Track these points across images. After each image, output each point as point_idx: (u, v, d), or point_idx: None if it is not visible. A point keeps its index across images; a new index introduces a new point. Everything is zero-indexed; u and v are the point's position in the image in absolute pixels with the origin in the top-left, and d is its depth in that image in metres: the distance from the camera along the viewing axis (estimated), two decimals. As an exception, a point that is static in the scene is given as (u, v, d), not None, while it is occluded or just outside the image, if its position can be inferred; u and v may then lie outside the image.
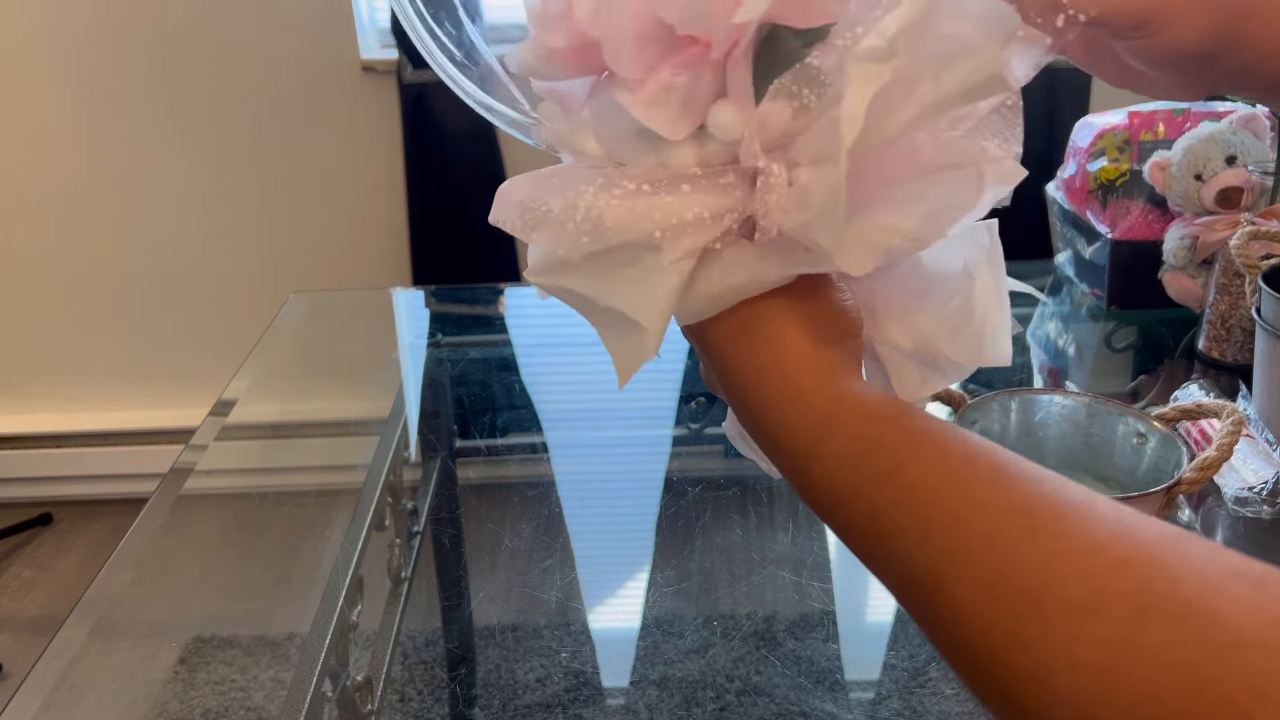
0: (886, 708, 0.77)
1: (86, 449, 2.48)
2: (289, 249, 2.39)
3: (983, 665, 0.32)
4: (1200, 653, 0.28)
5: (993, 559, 0.33)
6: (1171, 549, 0.30)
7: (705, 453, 1.17)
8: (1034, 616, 0.31)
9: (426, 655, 0.85)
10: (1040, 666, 0.30)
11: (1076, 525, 0.32)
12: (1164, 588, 0.29)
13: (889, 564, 0.36)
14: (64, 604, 2.21)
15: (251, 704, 0.82)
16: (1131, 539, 0.31)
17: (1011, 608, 0.31)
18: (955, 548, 0.34)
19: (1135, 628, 0.29)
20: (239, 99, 2.26)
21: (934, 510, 0.35)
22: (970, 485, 0.35)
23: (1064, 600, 0.30)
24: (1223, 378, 1.12)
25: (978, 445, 0.37)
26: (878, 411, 0.39)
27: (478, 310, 1.54)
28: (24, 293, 2.42)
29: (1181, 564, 0.30)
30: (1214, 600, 0.29)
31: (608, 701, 0.79)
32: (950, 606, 0.33)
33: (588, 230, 0.41)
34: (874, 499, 0.37)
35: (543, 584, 0.90)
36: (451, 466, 1.11)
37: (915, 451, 0.37)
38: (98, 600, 0.88)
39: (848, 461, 0.38)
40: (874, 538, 0.37)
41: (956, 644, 0.34)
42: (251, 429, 1.18)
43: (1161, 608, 0.29)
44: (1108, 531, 0.32)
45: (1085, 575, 0.31)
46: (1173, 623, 0.28)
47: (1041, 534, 0.32)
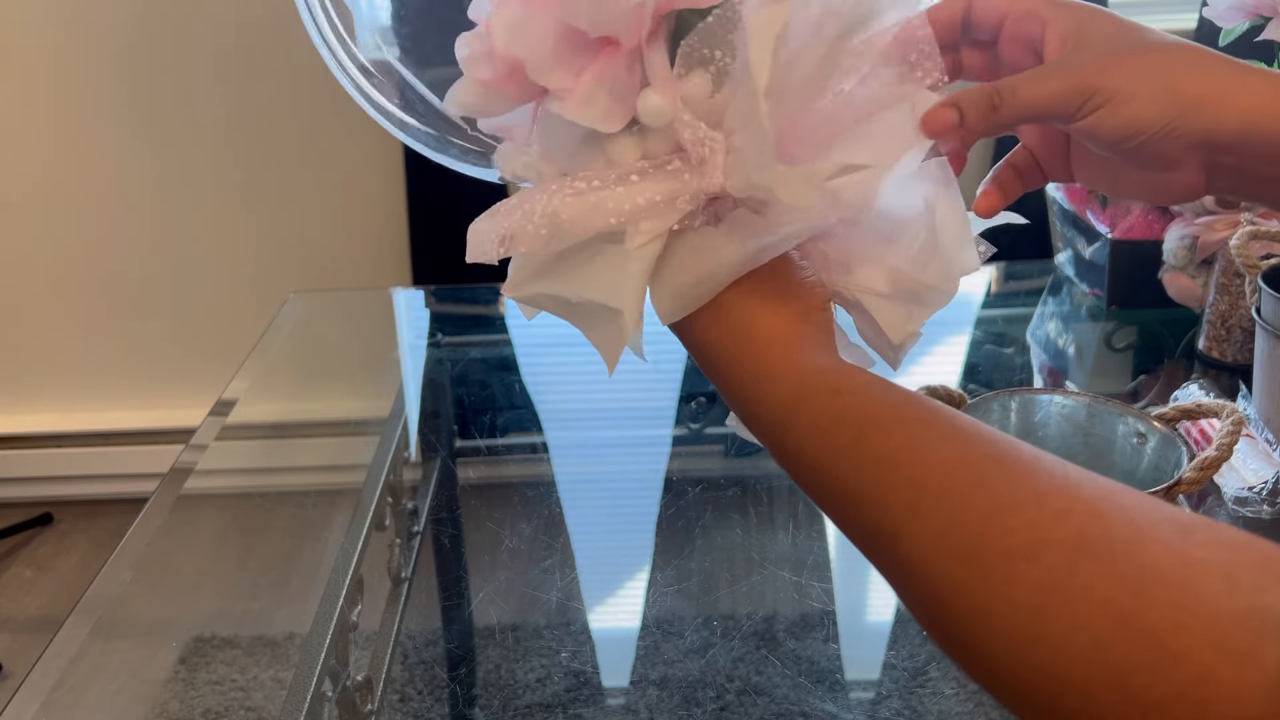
0: (886, 708, 0.77)
1: (86, 449, 2.48)
2: (289, 249, 2.39)
3: (936, 612, 0.35)
4: (1124, 590, 0.30)
5: (944, 511, 0.35)
6: (1108, 500, 0.33)
7: (705, 453, 1.17)
8: (978, 563, 0.33)
9: (426, 655, 0.85)
10: (984, 608, 0.33)
11: (1022, 480, 0.35)
12: (1098, 533, 0.32)
13: (857, 525, 0.39)
14: (64, 604, 2.21)
15: (251, 704, 0.82)
16: (1072, 492, 0.34)
17: (959, 555, 0.34)
18: (911, 505, 0.36)
19: (1069, 570, 0.31)
20: (239, 98, 2.26)
21: (892, 475, 0.37)
22: (925, 448, 0.37)
23: (1005, 548, 0.33)
24: (1223, 378, 1.12)
25: (934, 410, 0.39)
26: (841, 384, 0.41)
27: (478, 310, 1.54)
28: (24, 293, 2.42)
29: (1116, 513, 0.32)
30: (1143, 544, 0.31)
31: (608, 701, 0.79)
32: (908, 560, 0.36)
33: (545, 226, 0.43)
34: (840, 467, 0.39)
35: (543, 584, 0.90)
36: (451, 466, 1.11)
37: (875, 421, 0.39)
38: (98, 600, 0.88)
39: (816, 433, 0.40)
40: (843, 502, 0.39)
41: (915, 594, 0.36)
42: (251, 429, 1.18)
43: (1093, 550, 0.31)
44: (1051, 485, 0.34)
45: (1026, 525, 0.33)
46: (1102, 563, 0.31)
47: (989, 488, 0.35)
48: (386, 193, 2.33)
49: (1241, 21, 1.02)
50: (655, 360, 1.40)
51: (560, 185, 0.43)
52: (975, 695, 0.78)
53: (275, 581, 0.95)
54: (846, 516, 0.39)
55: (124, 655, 0.87)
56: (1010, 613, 0.32)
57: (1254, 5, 1.02)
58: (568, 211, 0.42)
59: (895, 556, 0.37)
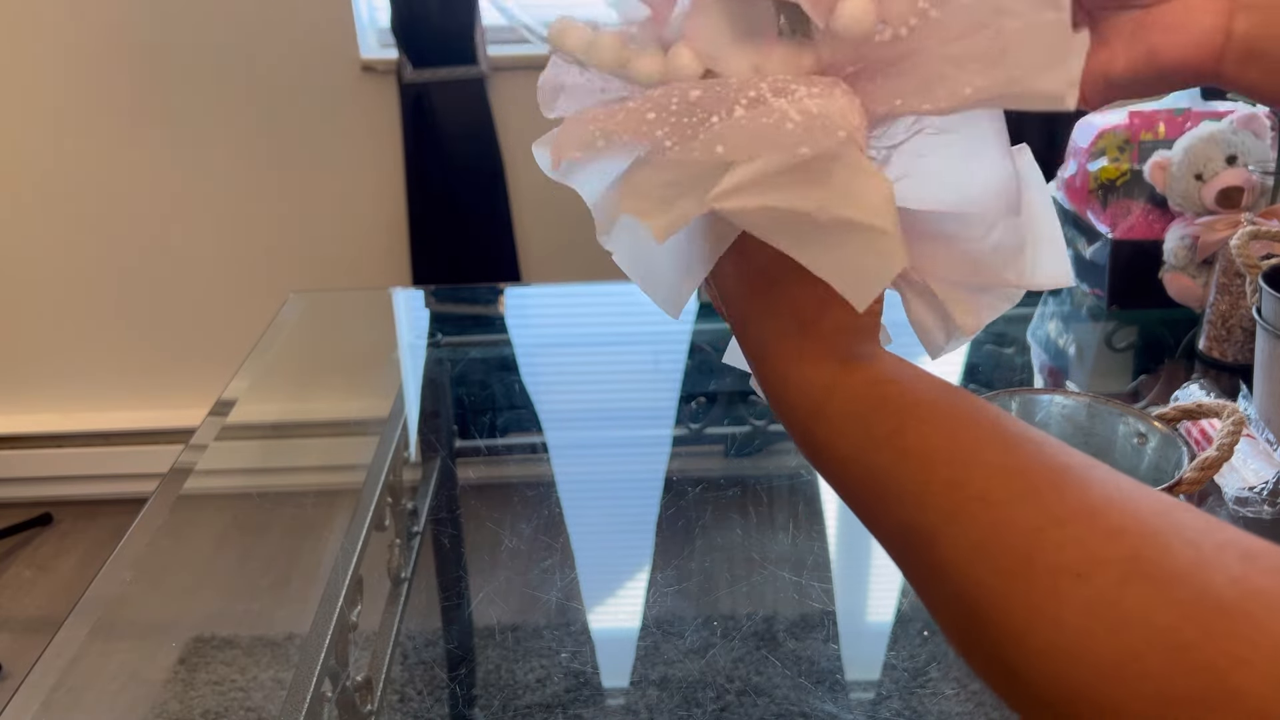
0: (886, 708, 0.77)
1: (86, 449, 2.48)
2: (289, 249, 2.39)
3: (970, 624, 0.33)
4: (1182, 618, 0.28)
5: (987, 520, 0.33)
6: (1167, 519, 0.31)
7: (705, 453, 1.17)
8: (1023, 577, 0.31)
9: (426, 655, 0.85)
10: (1025, 626, 0.31)
11: (1074, 491, 0.32)
12: (1154, 555, 0.30)
13: (887, 524, 0.37)
14: (64, 604, 2.21)
15: (251, 704, 0.82)
16: (1127, 507, 0.31)
17: (1001, 567, 0.32)
18: (951, 508, 0.34)
19: (1121, 592, 0.29)
20: (239, 99, 2.26)
21: (932, 472, 0.35)
22: (970, 448, 0.35)
23: (1053, 563, 0.31)
24: (1223, 377, 1.12)
25: (982, 409, 0.37)
26: (884, 374, 0.39)
27: (478, 310, 1.54)
28: (24, 293, 2.42)
29: (1174, 534, 0.30)
30: (1203, 570, 0.29)
31: (608, 701, 0.79)
32: (943, 565, 0.34)
33: (803, 126, 0.35)
34: (875, 460, 0.37)
35: (543, 584, 0.90)
36: (451, 466, 1.11)
37: (917, 414, 0.37)
38: (97, 600, 0.88)
39: (852, 423, 0.38)
40: (873, 498, 0.37)
41: (946, 603, 0.34)
42: (251, 429, 1.18)
43: (1149, 573, 0.29)
44: (1104, 498, 0.32)
45: (1077, 540, 0.31)
46: (1158, 588, 0.29)
47: (1037, 498, 0.33)
48: (386, 193, 2.33)
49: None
50: (655, 360, 1.41)
51: (780, 85, 0.36)
52: (975, 695, 0.78)
53: (275, 581, 0.95)
54: (875, 514, 0.37)
55: (124, 655, 0.87)
56: (1054, 632, 0.30)
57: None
58: (826, 112, 0.36)
59: (928, 561, 0.35)
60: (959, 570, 0.33)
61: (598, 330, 1.46)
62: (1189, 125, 1.22)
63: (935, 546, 0.34)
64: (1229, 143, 1.16)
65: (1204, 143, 1.16)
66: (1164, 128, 1.26)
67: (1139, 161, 1.25)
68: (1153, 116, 1.26)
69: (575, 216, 2.21)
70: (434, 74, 2.17)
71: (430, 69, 2.17)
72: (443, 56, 2.16)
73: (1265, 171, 1.15)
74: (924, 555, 0.35)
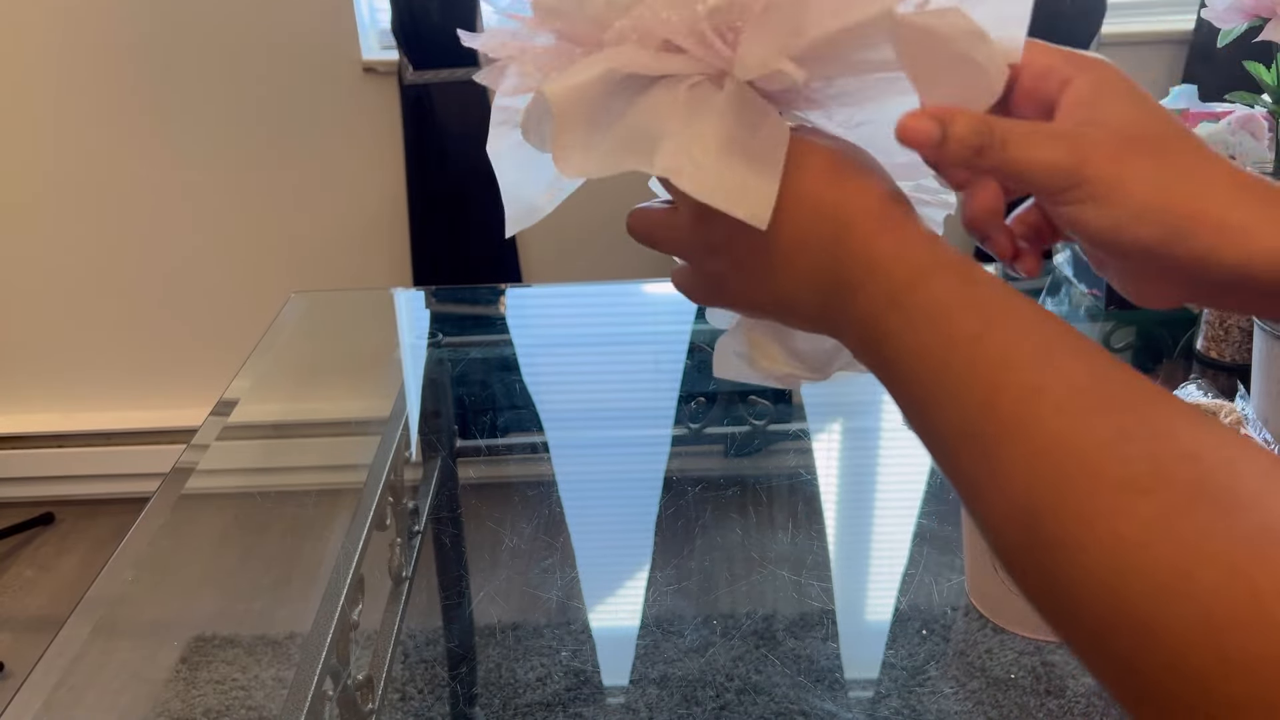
0: (886, 707, 0.78)
1: (87, 449, 2.48)
2: (289, 249, 2.39)
3: (1023, 532, 0.32)
4: (1238, 546, 0.28)
5: (1058, 427, 0.32)
6: (1239, 450, 0.31)
7: (705, 453, 1.17)
8: (1086, 487, 0.31)
9: (427, 654, 0.85)
10: (1081, 536, 0.30)
11: (1148, 411, 0.32)
12: (1223, 481, 0.30)
13: (946, 424, 0.36)
14: (65, 603, 2.21)
15: (253, 703, 0.82)
16: (1200, 434, 0.31)
17: (1066, 475, 0.31)
18: (1022, 413, 0.33)
19: (1183, 512, 0.29)
20: (240, 99, 2.26)
21: (1008, 375, 0.34)
22: (1054, 358, 0.34)
23: (1120, 476, 0.30)
24: (1221, 378, 1.12)
25: (1063, 326, 0.36)
26: (972, 275, 0.38)
27: (478, 310, 1.54)
28: (24, 293, 2.42)
29: (1247, 466, 0.30)
30: (1267, 501, 0.29)
31: (608, 700, 0.79)
32: (1001, 471, 0.33)
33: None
34: (951, 356, 0.36)
35: (543, 583, 0.91)
36: (452, 466, 1.11)
37: (1005, 320, 0.36)
38: (99, 599, 0.88)
39: (935, 315, 0.37)
40: (939, 394, 0.36)
41: (997, 505, 0.33)
42: (252, 429, 1.19)
43: (1215, 498, 0.29)
44: (1184, 424, 0.31)
45: (1148, 457, 0.30)
46: (1222, 514, 0.29)
47: (1111, 412, 0.32)
48: (388, 193, 2.33)
49: (1240, 22, 1.03)
50: (655, 360, 1.41)
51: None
52: (974, 695, 0.78)
53: (276, 581, 0.96)
54: (935, 412, 0.36)
55: (125, 654, 0.87)
56: (1111, 543, 0.30)
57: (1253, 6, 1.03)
58: None
59: (986, 464, 0.34)
60: (1020, 475, 0.32)
61: (598, 330, 1.46)
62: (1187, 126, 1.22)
63: (999, 448, 0.33)
64: (1227, 143, 1.16)
65: (1202, 143, 1.16)
66: (1163, 128, 1.26)
67: (1138, 162, 1.25)
68: (1151, 117, 1.26)
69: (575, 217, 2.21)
70: (435, 75, 2.17)
71: (431, 70, 2.17)
72: (443, 58, 2.16)
73: (1263, 172, 1.16)
74: (982, 458, 0.34)
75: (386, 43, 2.26)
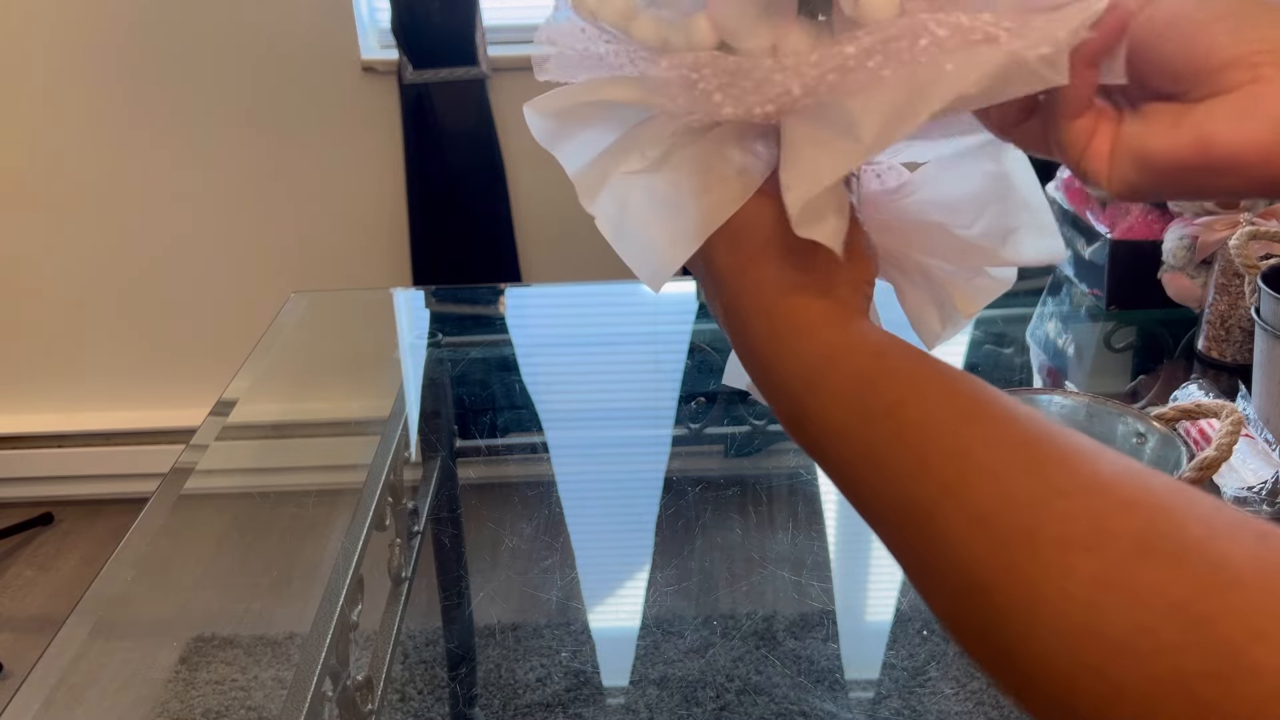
0: (886, 707, 0.77)
1: (87, 449, 2.48)
2: (289, 249, 2.39)
3: (968, 602, 0.31)
4: (1199, 592, 0.27)
5: (990, 492, 0.32)
6: (1179, 496, 0.30)
7: (705, 453, 1.17)
8: (1027, 550, 0.30)
9: (427, 655, 0.85)
10: (1028, 601, 0.29)
11: (1082, 466, 0.31)
12: (1167, 529, 0.29)
13: (881, 501, 0.35)
14: (65, 603, 2.21)
15: (252, 703, 0.82)
16: (1137, 484, 0.30)
17: (1005, 540, 0.30)
18: (952, 480, 0.33)
19: (1133, 566, 0.28)
20: (239, 99, 2.26)
21: (933, 444, 0.34)
22: (974, 422, 0.34)
23: (1060, 535, 0.29)
24: (1222, 378, 1.12)
25: (985, 388, 0.36)
26: (884, 348, 0.38)
27: (478, 310, 1.54)
28: (25, 293, 2.42)
29: (1187, 510, 0.29)
30: (1217, 544, 0.28)
31: (608, 701, 0.79)
32: (941, 541, 0.32)
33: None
34: (872, 433, 0.36)
35: (543, 584, 0.91)
36: (452, 466, 1.11)
37: (919, 387, 0.36)
38: (99, 600, 0.88)
39: (849, 395, 0.37)
40: (868, 473, 0.36)
41: (943, 580, 0.33)
42: (252, 429, 1.19)
43: (1162, 547, 0.28)
44: (1113, 474, 0.31)
45: (1086, 513, 0.30)
46: (1172, 562, 0.28)
47: (1044, 471, 0.31)
48: (386, 193, 2.33)
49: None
50: (655, 360, 1.41)
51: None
52: (975, 695, 0.78)
53: (276, 581, 0.96)
54: (869, 490, 0.36)
55: (125, 655, 0.87)
56: (1062, 604, 0.28)
57: (1253, 6, 1.02)
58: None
59: (925, 536, 0.33)
60: (958, 543, 0.32)
61: (598, 330, 1.46)
62: (1188, 126, 1.22)
63: (933, 520, 0.33)
64: (1228, 143, 1.16)
65: (1203, 143, 1.16)
66: (1163, 128, 1.26)
67: (1138, 162, 1.25)
68: (1152, 117, 1.26)
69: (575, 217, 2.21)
70: (434, 75, 2.17)
71: (431, 70, 2.17)
72: (443, 57, 2.16)
73: (1264, 172, 1.15)
74: (921, 530, 0.33)
75: (386, 42, 2.26)
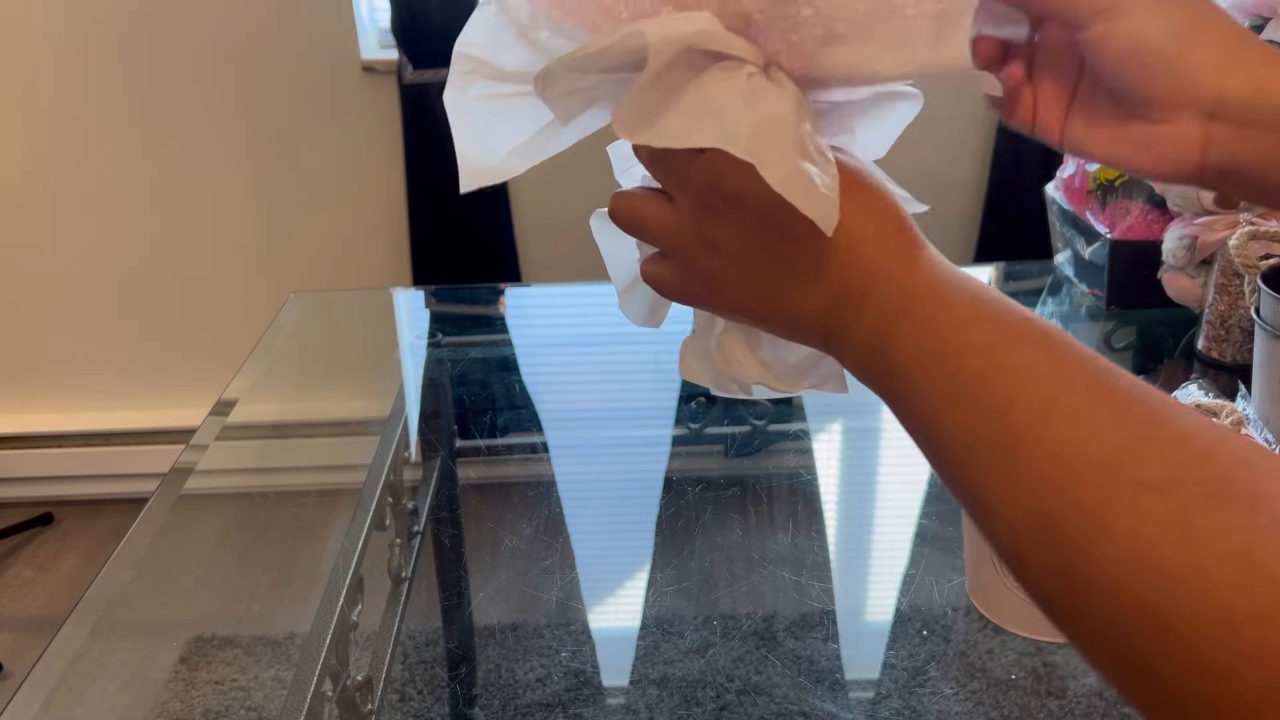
0: (886, 707, 0.77)
1: (87, 449, 2.48)
2: (289, 249, 2.39)
3: (1036, 533, 0.32)
4: (1258, 540, 0.28)
5: (1074, 433, 0.33)
6: (1255, 450, 0.31)
7: (705, 453, 1.17)
8: (1102, 487, 0.31)
9: (427, 655, 0.85)
10: (1096, 534, 0.31)
11: (1163, 418, 0.33)
12: (1239, 480, 0.30)
13: (954, 429, 0.36)
14: (65, 603, 2.21)
15: (252, 703, 0.82)
16: (1216, 438, 0.31)
17: (1082, 477, 0.32)
18: (1038, 419, 0.34)
19: (1201, 511, 0.29)
20: (239, 99, 2.26)
21: (1024, 385, 0.35)
22: (1062, 365, 0.35)
23: (1137, 478, 0.31)
24: (1222, 377, 1.12)
25: (1069, 338, 0.37)
26: (982, 292, 0.39)
27: (478, 310, 1.54)
28: (25, 292, 2.42)
29: (1264, 464, 0.30)
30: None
31: (608, 701, 0.79)
32: (1016, 475, 0.33)
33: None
34: (962, 364, 0.37)
35: (543, 584, 0.91)
36: (452, 466, 1.11)
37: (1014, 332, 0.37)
38: (98, 600, 0.88)
39: (947, 324, 0.38)
40: (946, 400, 0.37)
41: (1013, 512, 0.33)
42: (252, 429, 1.19)
43: (1233, 496, 0.29)
44: (1195, 428, 0.32)
45: (1165, 460, 0.31)
46: (1240, 510, 0.29)
47: (1127, 420, 0.33)
48: (387, 193, 2.33)
49: (1242, 22, 1.03)
50: (655, 360, 1.41)
51: None
52: (975, 695, 0.78)
53: (275, 581, 0.96)
54: (947, 426, 0.37)
55: (125, 655, 0.87)
56: (1125, 541, 0.30)
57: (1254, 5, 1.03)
58: None
59: (1001, 470, 0.34)
60: (1036, 478, 0.33)
61: (598, 330, 1.46)
62: (1188, 126, 1.22)
63: (1013, 454, 0.34)
64: (1228, 143, 1.16)
65: (1203, 143, 1.16)
66: (1163, 128, 1.26)
67: (1138, 162, 1.25)
68: (1152, 117, 1.26)
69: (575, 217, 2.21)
70: (434, 74, 2.17)
71: (431, 69, 2.17)
72: (443, 57, 2.15)
73: (1264, 172, 1.15)
74: (996, 464, 0.34)
75: (386, 42, 2.26)
